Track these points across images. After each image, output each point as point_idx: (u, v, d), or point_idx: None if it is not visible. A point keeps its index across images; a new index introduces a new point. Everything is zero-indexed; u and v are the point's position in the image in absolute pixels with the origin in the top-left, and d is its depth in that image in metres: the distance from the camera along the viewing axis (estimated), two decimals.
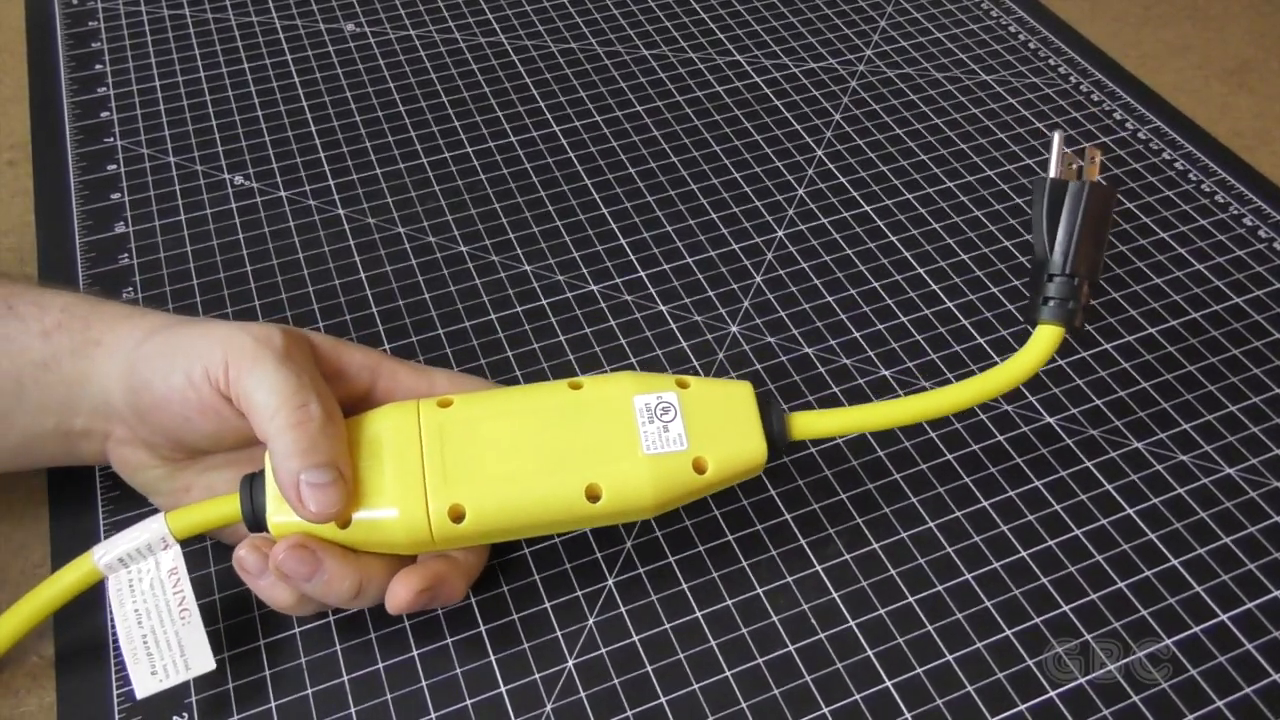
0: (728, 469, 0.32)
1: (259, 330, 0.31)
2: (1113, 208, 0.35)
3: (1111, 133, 0.52)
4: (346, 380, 0.33)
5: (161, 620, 0.31)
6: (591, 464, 0.31)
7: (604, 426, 0.32)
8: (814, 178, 0.49)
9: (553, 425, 0.32)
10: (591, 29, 0.58)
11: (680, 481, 0.31)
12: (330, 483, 0.30)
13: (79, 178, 0.49)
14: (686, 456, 0.31)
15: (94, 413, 0.33)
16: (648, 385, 0.32)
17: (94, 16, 0.58)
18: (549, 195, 0.48)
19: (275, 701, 0.32)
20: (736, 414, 0.32)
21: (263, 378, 0.30)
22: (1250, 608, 0.34)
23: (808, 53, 0.57)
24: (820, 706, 0.32)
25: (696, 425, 0.32)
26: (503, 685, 0.33)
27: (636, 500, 0.31)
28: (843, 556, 0.36)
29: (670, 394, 0.32)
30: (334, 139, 0.51)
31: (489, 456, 0.31)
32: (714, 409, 0.32)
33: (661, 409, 0.32)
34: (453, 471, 0.31)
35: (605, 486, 0.31)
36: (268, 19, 0.58)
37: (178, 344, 0.32)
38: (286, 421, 0.30)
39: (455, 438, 0.31)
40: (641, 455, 0.31)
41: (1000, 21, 0.59)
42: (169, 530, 0.31)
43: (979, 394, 0.35)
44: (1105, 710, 0.32)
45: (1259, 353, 0.42)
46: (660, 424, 0.32)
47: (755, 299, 0.44)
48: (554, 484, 0.31)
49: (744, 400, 0.33)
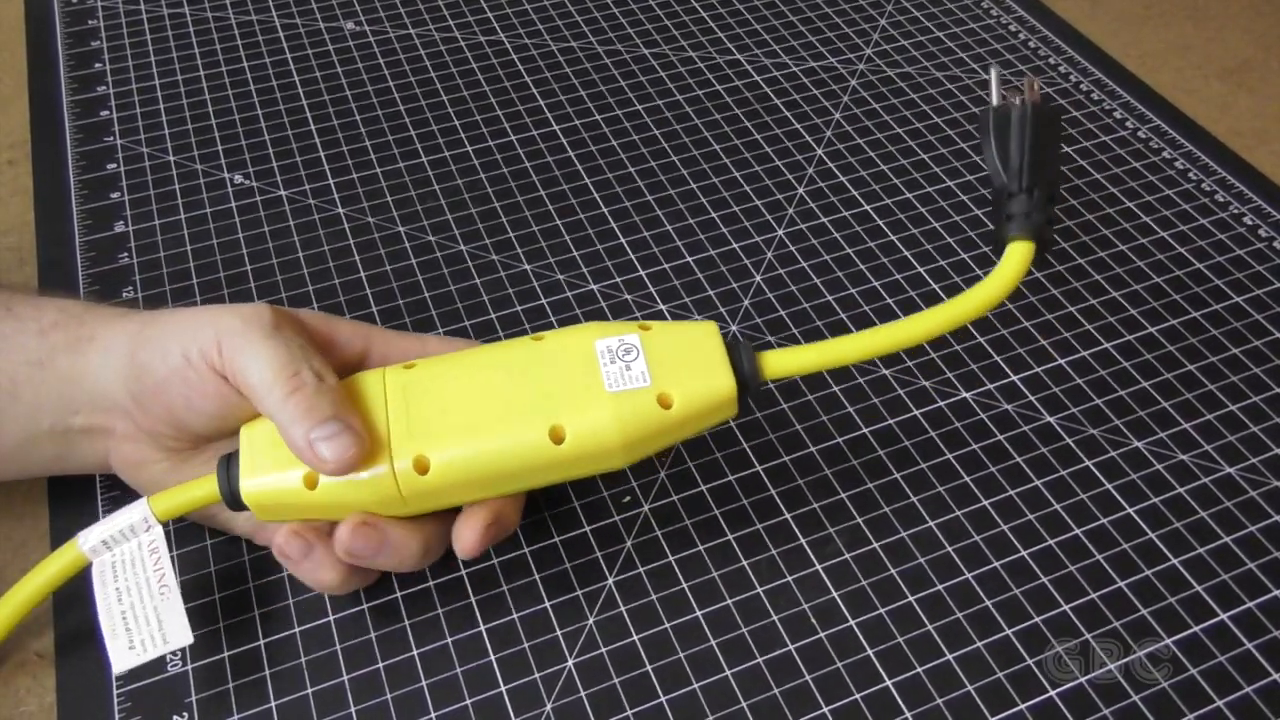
0: (695, 404, 0.31)
1: (247, 309, 0.32)
2: (1059, 124, 0.35)
3: (1111, 131, 0.52)
4: (338, 349, 0.34)
5: (141, 596, 0.31)
6: (554, 406, 0.31)
7: (566, 371, 0.31)
8: (814, 176, 0.49)
9: (516, 375, 0.32)
10: (591, 28, 0.58)
11: (646, 418, 0.31)
12: (339, 432, 0.30)
13: (78, 176, 0.49)
14: (650, 392, 0.31)
15: (93, 409, 0.33)
16: (609, 330, 0.32)
17: (93, 15, 0.58)
18: (549, 194, 0.48)
19: (275, 701, 0.32)
20: (701, 352, 0.32)
21: (255, 354, 0.31)
22: (1250, 607, 0.34)
23: (808, 51, 0.57)
24: (820, 706, 0.32)
25: (660, 363, 0.31)
26: (503, 685, 0.33)
27: (603, 439, 0.31)
28: (842, 556, 0.36)
29: (632, 335, 0.32)
30: (334, 138, 0.51)
31: (453, 410, 0.31)
32: (678, 348, 0.32)
33: (624, 350, 0.31)
34: (417, 426, 0.31)
35: (569, 427, 0.30)
36: (267, 17, 0.58)
37: (173, 327, 0.32)
38: (284, 392, 0.30)
39: (419, 395, 0.31)
40: (604, 394, 0.31)
41: (1000, 20, 0.59)
42: (151, 512, 0.32)
43: (956, 317, 0.34)
44: (1105, 710, 0.32)
45: (1259, 352, 0.42)
46: (622, 364, 0.31)
47: (755, 298, 0.44)
48: (517, 428, 0.31)
49: (709, 338, 0.32)
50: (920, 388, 0.41)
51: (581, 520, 0.37)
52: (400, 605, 0.34)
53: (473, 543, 0.32)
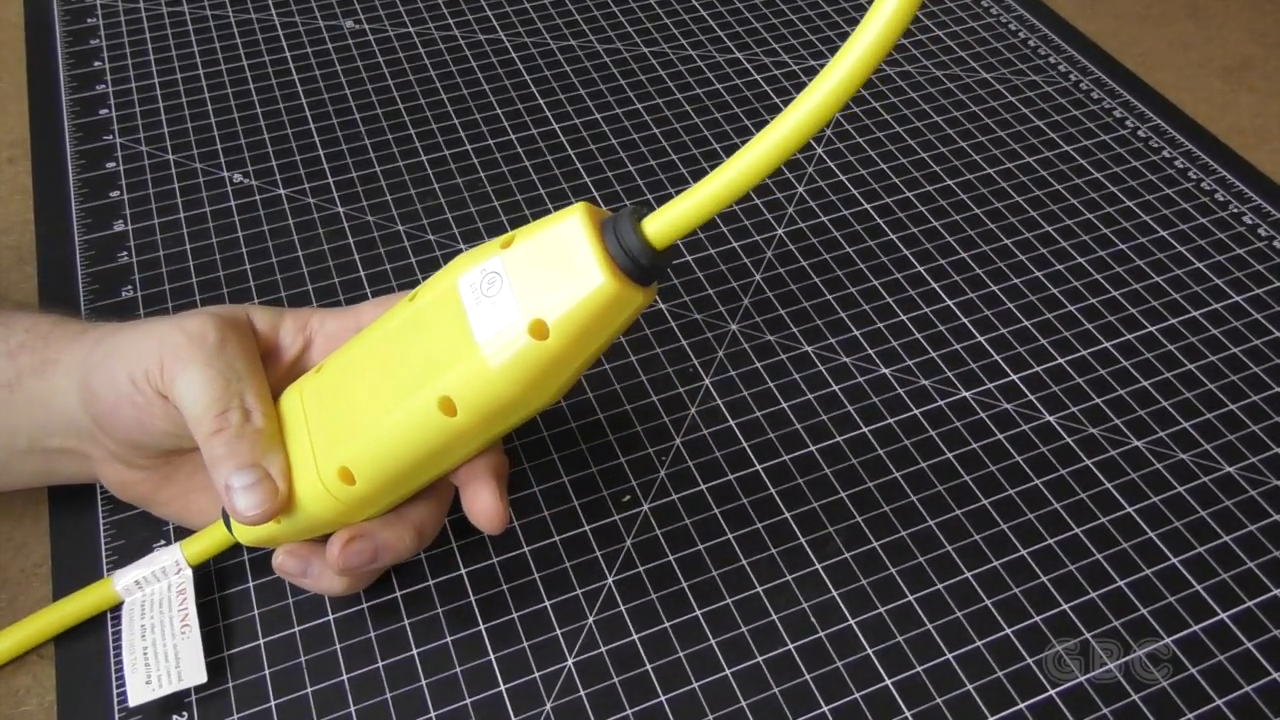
0: (574, 320, 0.26)
1: (193, 322, 0.31)
2: None
3: (1111, 130, 0.52)
4: (282, 350, 0.33)
5: (163, 634, 0.32)
6: (435, 374, 0.27)
7: (438, 327, 0.28)
8: (813, 175, 0.49)
9: (395, 348, 0.29)
10: (590, 26, 0.58)
11: (526, 359, 0.26)
12: (254, 483, 0.29)
13: (78, 175, 0.49)
14: (521, 324, 0.26)
15: (66, 433, 0.33)
16: (473, 259, 0.28)
17: (92, 14, 0.58)
18: (548, 193, 0.48)
19: (275, 701, 0.32)
20: (568, 251, 0.26)
21: (189, 383, 0.30)
22: (1250, 606, 0.34)
23: (807, 50, 0.57)
24: (820, 705, 0.32)
25: (526, 285, 0.26)
26: (502, 684, 0.33)
27: (492, 397, 0.27)
28: (842, 555, 0.36)
29: (493, 260, 0.27)
30: (333, 136, 0.51)
31: (354, 406, 0.29)
32: (543, 257, 0.26)
33: (486, 282, 0.27)
34: (330, 435, 0.29)
35: (454, 396, 0.27)
36: (266, 16, 0.58)
37: (120, 347, 0.31)
38: (208, 430, 0.29)
39: (329, 401, 0.30)
40: (475, 345, 0.27)
41: (1000, 19, 0.59)
42: (183, 556, 0.33)
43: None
44: (1105, 709, 0.32)
45: (1258, 351, 0.42)
46: (489, 301, 0.27)
47: (755, 297, 0.44)
48: (407, 411, 0.28)
49: (572, 229, 0.26)
50: (920, 387, 0.41)
51: (581, 519, 0.37)
52: (400, 604, 0.34)
53: (492, 505, 0.30)
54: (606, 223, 0.26)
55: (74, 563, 0.35)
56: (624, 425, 0.39)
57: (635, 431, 0.39)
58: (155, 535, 0.36)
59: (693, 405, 0.40)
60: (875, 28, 0.24)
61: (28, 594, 0.35)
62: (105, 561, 0.35)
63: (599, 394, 0.40)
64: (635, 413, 0.40)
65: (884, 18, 0.24)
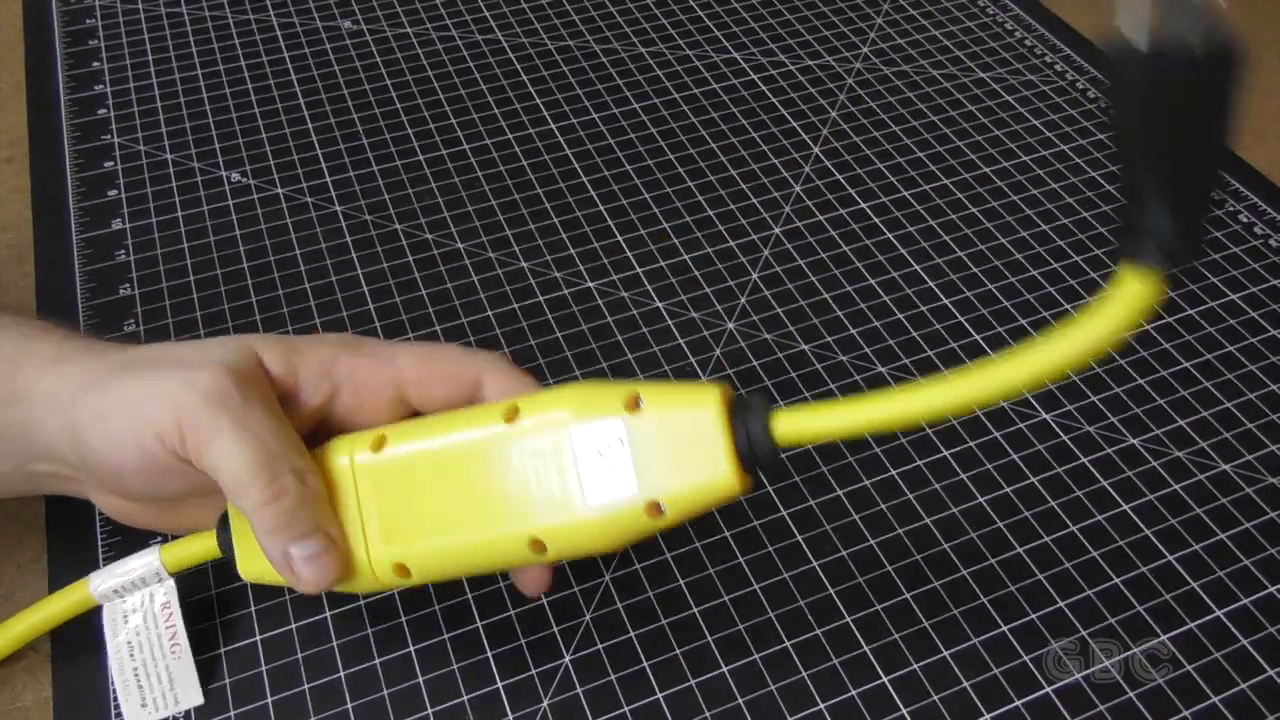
0: (689, 507, 0.27)
1: (206, 380, 0.28)
2: (1232, 78, 0.22)
3: (1108, 130, 0.52)
4: (303, 396, 0.30)
5: (153, 654, 0.32)
6: (532, 515, 0.28)
7: (542, 469, 0.27)
8: (810, 175, 0.49)
9: (489, 468, 0.28)
10: (588, 26, 0.58)
11: (633, 528, 0.27)
12: (321, 551, 0.28)
13: (76, 174, 0.49)
14: (637, 501, 0.27)
15: (53, 461, 0.31)
16: (590, 409, 0.27)
17: (91, 14, 0.58)
18: (546, 193, 0.48)
19: (271, 697, 0.32)
20: (699, 436, 0.26)
21: (226, 448, 0.27)
22: (1246, 604, 0.35)
23: (804, 50, 0.57)
24: (817, 703, 0.32)
25: (648, 459, 0.26)
26: (499, 681, 0.33)
27: (585, 549, 0.28)
28: (839, 553, 0.36)
29: (615, 421, 0.27)
30: (331, 136, 0.51)
31: (426, 508, 0.29)
32: (670, 432, 0.26)
33: (606, 443, 0.27)
34: (392, 527, 0.29)
35: (549, 540, 0.28)
36: (264, 16, 0.58)
37: (119, 405, 0.29)
38: (261, 498, 0.27)
39: (391, 491, 0.29)
40: (585, 505, 0.27)
41: (997, 19, 0.59)
42: (163, 565, 0.31)
43: (1012, 383, 0.25)
44: (1102, 707, 0.32)
45: (1254, 349, 0.42)
46: (605, 463, 0.27)
47: (752, 296, 0.44)
48: (495, 537, 0.28)
49: (708, 417, 0.26)
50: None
51: None
52: (397, 601, 0.34)
53: (542, 583, 0.31)
54: (738, 412, 0.27)
55: (69, 559, 0.35)
56: None
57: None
58: (153, 532, 0.36)
59: None
60: (1084, 340, 0.24)
61: (23, 590, 0.35)
62: (101, 558, 0.35)
63: None
64: None
65: (1092, 337, 0.24)
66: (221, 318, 0.43)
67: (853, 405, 0.26)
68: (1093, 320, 0.24)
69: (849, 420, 0.26)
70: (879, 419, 0.26)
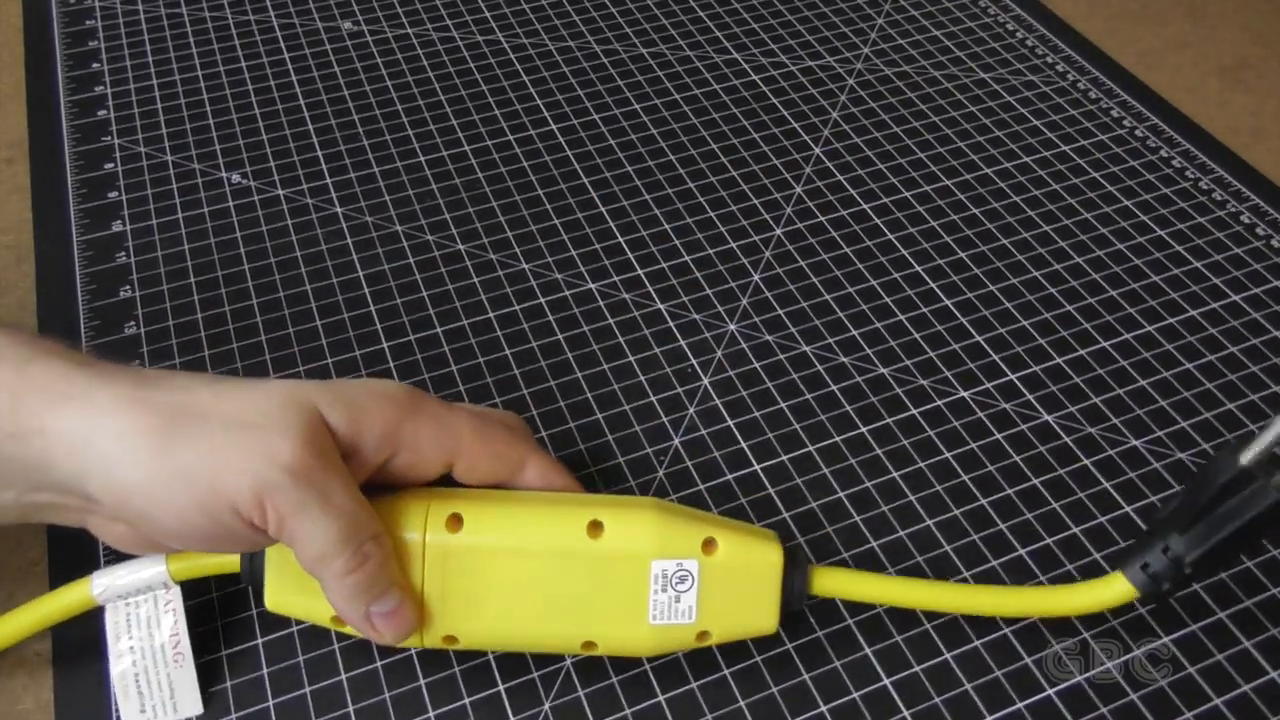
0: (731, 637, 0.31)
1: (289, 458, 0.27)
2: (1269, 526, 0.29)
3: (1109, 130, 0.52)
4: (364, 458, 0.30)
5: (155, 661, 0.32)
6: (594, 621, 0.30)
7: (614, 588, 0.30)
8: (811, 176, 0.49)
9: (563, 576, 0.30)
10: (589, 27, 0.58)
11: (679, 646, 0.31)
12: (397, 609, 0.29)
13: (76, 176, 0.49)
14: (692, 629, 0.30)
15: (65, 493, 0.29)
16: (671, 547, 0.30)
17: (91, 15, 0.58)
18: (546, 194, 0.48)
19: (273, 700, 0.32)
20: (756, 585, 0.31)
21: (313, 527, 0.28)
22: (1248, 605, 0.34)
23: (805, 51, 0.57)
24: (818, 705, 0.32)
25: (711, 597, 0.30)
26: (501, 683, 0.33)
27: (632, 654, 0.32)
28: (841, 555, 0.36)
29: (691, 562, 0.30)
30: (331, 137, 0.51)
31: (490, 596, 0.30)
32: (734, 579, 0.30)
33: (679, 578, 0.30)
34: (452, 604, 0.30)
35: (602, 643, 0.31)
36: (265, 17, 0.58)
37: (184, 477, 0.27)
38: (345, 568, 0.28)
39: (459, 572, 0.30)
40: (647, 624, 0.30)
41: (998, 19, 0.59)
42: (169, 574, 0.32)
43: (1024, 609, 0.33)
44: (1104, 708, 0.32)
45: (1256, 350, 0.42)
46: (673, 593, 0.30)
47: (753, 297, 0.44)
48: (551, 631, 0.31)
49: (768, 571, 0.31)
50: (918, 386, 0.41)
51: None
52: None
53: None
54: (789, 566, 0.31)
55: (70, 561, 0.35)
56: (623, 425, 0.39)
57: (634, 431, 0.39)
58: None
59: (691, 405, 0.40)
60: (1058, 603, 0.33)
61: (24, 591, 0.35)
62: (102, 558, 0.35)
63: (597, 394, 0.40)
64: (634, 413, 0.40)
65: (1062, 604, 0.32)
66: (222, 319, 0.43)
67: (877, 579, 0.33)
68: (1076, 593, 0.32)
69: (879, 590, 0.33)
70: (900, 594, 0.33)
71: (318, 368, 0.41)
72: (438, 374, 0.41)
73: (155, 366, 0.41)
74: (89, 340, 0.42)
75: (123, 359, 0.41)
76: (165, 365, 0.41)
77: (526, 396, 0.40)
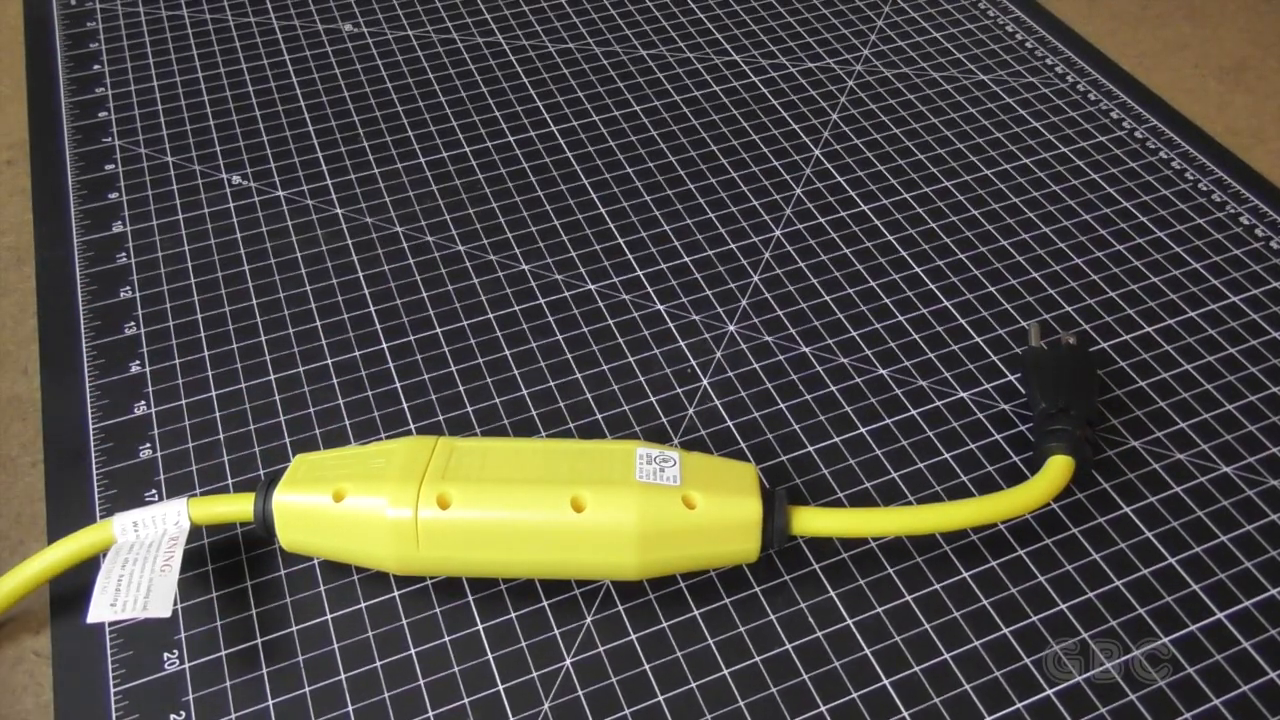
0: (718, 514, 0.32)
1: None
2: (1094, 365, 0.40)
3: (1108, 131, 0.52)
4: None
5: (142, 568, 0.32)
6: (582, 481, 0.33)
7: (603, 461, 0.33)
8: (811, 177, 0.49)
9: (554, 456, 0.34)
10: (589, 29, 0.58)
11: (667, 512, 0.32)
12: None
13: (77, 177, 0.49)
14: (677, 491, 0.32)
15: None
16: (652, 446, 0.34)
17: (92, 17, 0.58)
18: (546, 195, 0.48)
19: (272, 700, 0.32)
20: (736, 481, 0.33)
21: None
22: (1248, 606, 0.35)
23: (804, 52, 0.57)
24: (818, 705, 0.32)
25: (693, 476, 0.33)
26: (500, 684, 0.33)
27: (621, 519, 0.32)
28: (840, 555, 0.36)
29: (673, 452, 0.34)
30: (332, 139, 0.51)
31: (486, 470, 0.33)
32: (714, 472, 0.34)
33: (662, 458, 0.33)
34: (450, 473, 0.33)
35: (590, 498, 0.32)
36: (265, 19, 0.58)
37: None
38: None
39: (460, 457, 0.34)
40: (632, 481, 0.32)
41: (997, 21, 0.59)
42: (187, 513, 0.34)
43: (989, 514, 0.35)
44: (1103, 709, 0.32)
45: (1256, 351, 0.42)
46: (657, 466, 0.33)
47: (753, 298, 0.44)
48: (541, 490, 0.32)
49: (746, 473, 0.34)
50: (917, 387, 0.41)
51: None
52: (398, 604, 0.34)
53: None
54: (765, 489, 0.34)
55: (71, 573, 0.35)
56: (622, 426, 0.39)
57: (633, 432, 0.39)
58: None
59: (691, 406, 0.40)
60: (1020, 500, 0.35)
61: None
62: (104, 562, 0.35)
63: (597, 395, 0.40)
64: (633, 414, 0.40)
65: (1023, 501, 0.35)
66: (223, 320, 0.43)
67: (853, 512, 0.35)
68: (1038, 484, 0.35)
69: (849, 522, 0.35)
70: (873, 526, 0.35)
71: (318, 368, 0.41)
72: (437, 374, 0.41)
73: (155, 366, 0.41)
74: (89, 340, 0.42)
75: (123, 359, 0.41)
76: (165, 365, 0.41)
77: (526, 397, 0.40)
